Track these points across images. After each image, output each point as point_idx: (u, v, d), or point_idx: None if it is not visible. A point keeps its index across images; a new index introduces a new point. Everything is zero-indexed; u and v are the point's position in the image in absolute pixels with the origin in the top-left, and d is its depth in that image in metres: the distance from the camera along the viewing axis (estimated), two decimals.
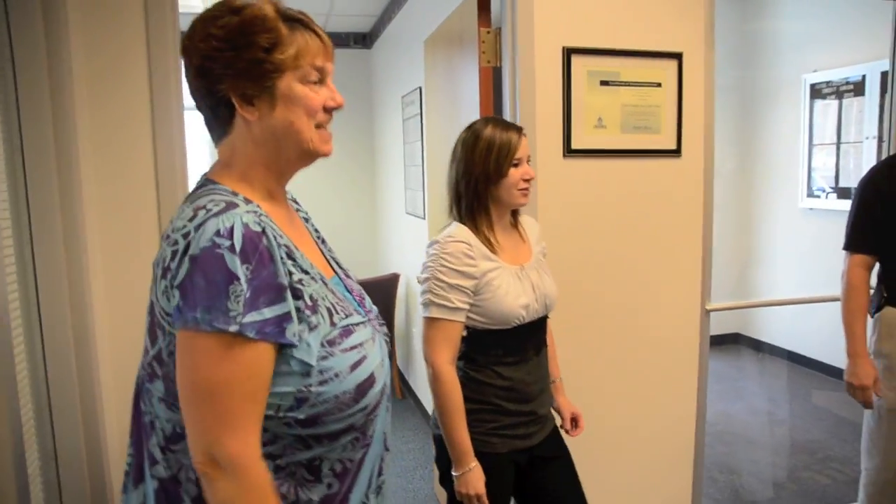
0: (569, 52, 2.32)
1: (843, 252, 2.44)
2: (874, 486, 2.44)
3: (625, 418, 2.59)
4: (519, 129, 1.85)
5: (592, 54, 2.35)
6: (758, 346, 5.91)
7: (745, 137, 5.83)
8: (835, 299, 2.50)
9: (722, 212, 5.71)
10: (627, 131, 2.41)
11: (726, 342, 6.00)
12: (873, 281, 2.46)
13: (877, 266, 2.43)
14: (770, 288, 5.68)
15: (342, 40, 6.12)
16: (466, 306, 1.77)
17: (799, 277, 5.13)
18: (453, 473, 1.78)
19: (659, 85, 2.43)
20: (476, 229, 1.82)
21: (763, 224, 5.82)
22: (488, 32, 2.41)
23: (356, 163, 6.23)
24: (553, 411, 2.06)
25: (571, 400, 2.10)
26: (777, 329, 5.75)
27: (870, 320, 2.44)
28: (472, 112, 2.55)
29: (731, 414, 4.55)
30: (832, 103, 5.05)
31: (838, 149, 5.03)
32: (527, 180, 1.83)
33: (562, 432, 2.05)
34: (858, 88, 4.79)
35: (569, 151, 2.35)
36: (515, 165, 1.81)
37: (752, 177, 5.87)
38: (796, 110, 5.38)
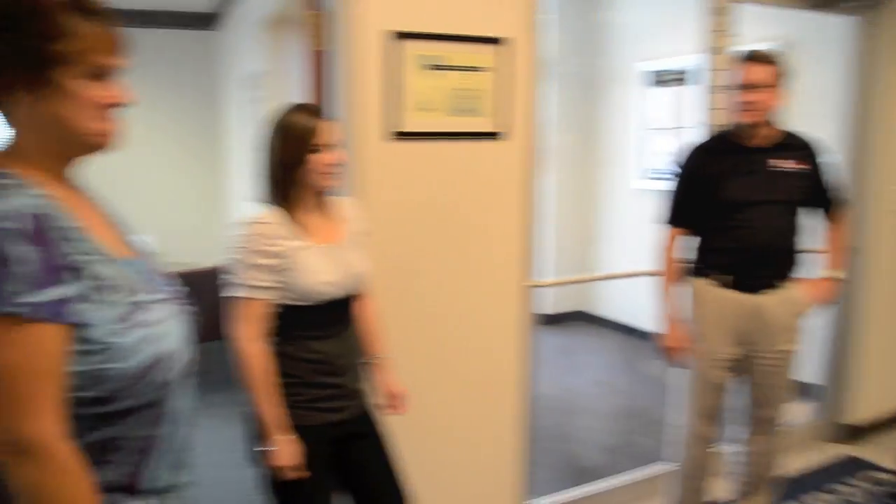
0: (395, 36, 2.34)
1: (660, 226, 2.66)
2: (684, 440, 2.69)
3: (450, 398, 2.63)
4: (320, 115, 1.89)
5: (418, 38, 2.38)
6: (597, 321, 6.26)
7: (586, 122, 6.15)
8: (653, 273, 2.69)
9: (564, 193, 6.03)
10: (453, 114, 2.47)
11: (569, 319, 6.30)
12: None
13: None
14: (609, 264, 6.03)
15: (180, 20, 5.87)
16: (269, 284, 1.82)
17: (633, 254, 5.46)
18: (266, 448, 1.80)
19: (484, 69, 2.50)
20: (283, 211, 1.87)
21: (602, 204, 6.18)
22: (315, 15, 2.40)
23: (198, 147, 5.99)
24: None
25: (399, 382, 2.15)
26: (614, 304, 6.13)
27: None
28: (305, 96, 2.54)
29: (574, 387, 4.81)
30: (664, 91, 5.41)
31: (669, 134, 5.38)
32: (330, 164, 1.87)
33: (384, 411, 2.11)
34: (687, 77, 5.14)
35: (394, 135, 2.38)
36: (316, 151, 1.85)
37: (592, 159, 6.20)
38: (631, 97, 5.73)
